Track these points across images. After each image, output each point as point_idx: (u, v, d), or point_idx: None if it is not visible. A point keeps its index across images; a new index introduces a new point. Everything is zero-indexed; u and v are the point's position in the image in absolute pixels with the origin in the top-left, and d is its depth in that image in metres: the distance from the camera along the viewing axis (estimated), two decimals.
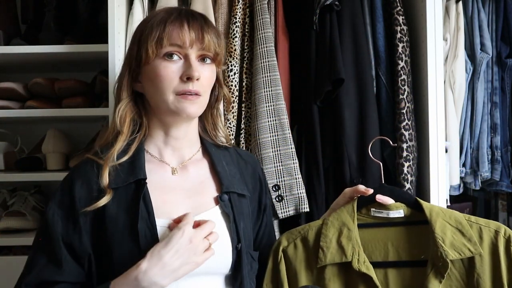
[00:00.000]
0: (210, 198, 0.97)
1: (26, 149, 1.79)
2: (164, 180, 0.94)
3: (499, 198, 1.71)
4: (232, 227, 0.95)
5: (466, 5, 1.51)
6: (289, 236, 1.02)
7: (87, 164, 0.93)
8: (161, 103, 0.92)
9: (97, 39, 1.52)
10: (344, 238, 0.97)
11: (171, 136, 0.97)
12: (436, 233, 0.93)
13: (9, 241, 1.55)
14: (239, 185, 1.00)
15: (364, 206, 1.01)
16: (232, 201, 0.97)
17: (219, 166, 1.00)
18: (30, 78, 1.61)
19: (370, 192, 1.00)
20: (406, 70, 1.31)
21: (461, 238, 0.92)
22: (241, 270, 0.94)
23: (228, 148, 1.07)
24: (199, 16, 0.95)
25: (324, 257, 0.96)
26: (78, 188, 0.90)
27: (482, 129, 1.50)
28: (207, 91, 0.95)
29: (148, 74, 0.93)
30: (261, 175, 1.11)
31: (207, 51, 0.93)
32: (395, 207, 0.99)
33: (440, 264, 0.91)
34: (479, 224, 0.94)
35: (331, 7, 1.31)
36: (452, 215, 0.96)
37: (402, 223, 0.99)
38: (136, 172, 0.91)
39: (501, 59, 1.52)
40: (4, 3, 1.69)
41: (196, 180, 0.98)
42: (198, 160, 1.02)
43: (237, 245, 0.94)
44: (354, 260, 0.94)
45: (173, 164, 0.98)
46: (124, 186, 0.90)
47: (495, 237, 0.92)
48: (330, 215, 1.02)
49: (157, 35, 0.90)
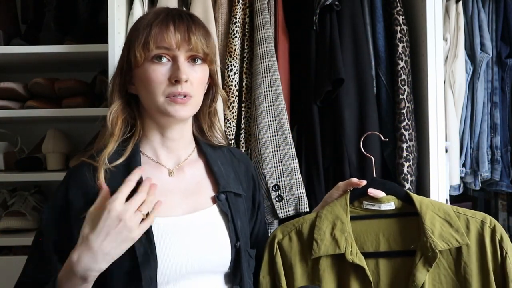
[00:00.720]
0: (207, 198, 0.98)
1: (26, 149, 1.79)
2: (161, 182, 0.94)
3: (499, 198, 1.72)
4: (230, 226, 0.95)
5: (466, 5, 1.51)
6: (283, 229, 1.06)
7: (83, 167, 0.92)
8: (152, 105, 0.92)
9: (97, 39, 1.52)
10: (337, 230, 1.00)
11: (167, 137, 0.97)
12: (426, 225, 0.97)
13: (9, 241, 1.55)
14: (234, 185, 1.01)
15: (357, 199, 1.05)
16: (229, 200, 0.97)
17: (215, 166, 1.00)
18: (30, 78, 1.61)
19: (364, 184, 1.04)
20: (406, 70, 1.31)
21: (449, 229, 0.96)
22: (241, 268, 0.94)
23: (222, 148, 1.07)
24: (187, 17, 0.94)
25: (318, 249, 1.00)
26: (73, 192, 0.89)
27: (482, 129, 1.50)
28: (198, 91, 0.95)
29: (139, 77, 0.93)
30: (254, 173, 1.11)
31: (195, 52, 0.92)
32: (386, 200, 1.03)
33: (429, 254, 0.95)
34: (466, 215, 0.98)
35: (331, 7, 1.31)
36: (441, 207, 1.00)
37: (393, 215, 1.03)
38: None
39: (501, 59, 1.52)
40: (4, 3, 1.69)
41: (192, 180, 0.98)
42: (193, 161, 1.02)
43: (235, 244, 0.94)
44: (347, 251, 0.98)
45: (169, 166, 0.98)
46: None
47: (481, 227, 0.97)
48: (323, 208, 1.05)
49: (143, 39, 0.90)
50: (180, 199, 0.95)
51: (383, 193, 1.03)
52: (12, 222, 1.58)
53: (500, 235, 0.95)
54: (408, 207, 1.02)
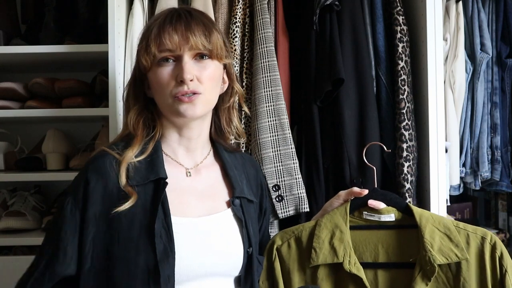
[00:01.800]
0: (222, 202, 0.98)
1: (26, 149, 1.79)
2: (178, 181, 0.95)
3: (499, 198, 1.72)
4: (243, 232, 0.96)
5: (466, 5, 1.51)
6: (283, 236, 1.06)
7: (104, 159, 0.91)
8: (165, 107, 0.94)
9: (97, 39, 1.52)
10: (336, 240, 1.00)
11: (184, 136, 0.98)
12: (425, 238, 0.97)
13: (9, 241, 1.55)
14: (248, 191, 1.02)
15: (357, 209, 1.05)
16: (243, 206, 0.98)
17: (231, 170, 1.01)
18: (30, 78, 1.61)
19: (365, 193, 1.04)
20: (406, 70, 1.31)
21: (449, 244, 0.96)
22: (252, 273, 0.95)
23: (235, 153, 1.08)
24: (185, 15, 0.94)
25: (316, 257, 1.00)
26: (93, 183, 0.88)
27: (482, 129, 1.50)
28: (208, 88, 0.94)
29: (151, 80, 0.95)
30: (263, 180, 1.13)
31: (197, 50, 0.92)
32: (386, 211, 1.03)
33: (428, 268, 0.94)
34: (467, 230, 0.98)
35: (331, 7, 1.30)
36: (442, 221, 1.00)
37: (393, 226, 1.03)
38: (157, 170, 0.91)
39: (501, 59, 1.52)
40: (4, 3, 1.69)
41: (208, 183, 0.99)
42: (210, 164, 1.02)
43: (248, 249, 0.95)
44: (345, 261, 0.98)
45: (186, 165, 0.99)
46: (143, 184, 0.89)
47: (481, 243, 0.96)
48: (323, 216, 1.05)
49: (145, 44, 0.92)
50: (196, 200, 0.95)
51: (383, 204, 1.03)
52: (12, 222, 1.58)
53: (500, 252, 0.95)
54: (408, 219, 1.02)
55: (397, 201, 1.05)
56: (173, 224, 0.87)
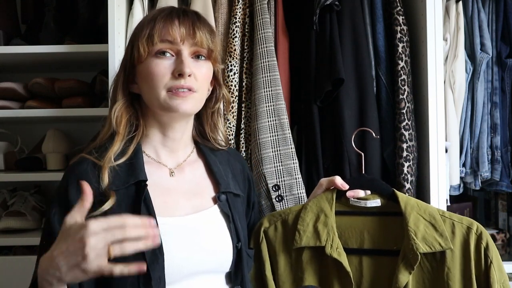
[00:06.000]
0: (208, 198, 0.98)
1: (26, 149, 1.79)
2: (162, 182, 0.94)
3: (499, 198, 1.71)
4: (231, 227, 0.95)
5: (466, 5, 1.51)
6: (270, 218, 1.07)
7: (83, 164, 0.89)
8: (154, 101, 0.92)
9: (97, 39, 1.52)
10: (320, 223, 1.00)
11: (168, 136, 0.97)
12: (409, 226, 0.96)
13: (9, 241, 1.55)
14: (233, 185, 1.01)
15: (344, 194, 1.06)
16: (229, 201, 0.98)
17: (214, 166, 1.01)
18: (30, 78, 1.61)
19: (346, 188, 1.04)
20: (406, 70, 1.31)
21: (433, 233, 0.95)
22: (242, 268, 0.95)
23: (219, 150, 1.07)
24: (192, 13, 0.95)
25: (299, 240, 1.00)
26: (73, 192, 0.86)
27: (482, 129, 1.50)
28: (202, 87, 0.94)
29: (142, 72, 0.93)
30: (249, 173, 1.12)
31: (200, 47, 0.92)
32: (372, 197, 1.03)
33: (411, 256, 0.94)
34: (453, 219, 0.97)
35: (331, 7, 1.31)
36: (427, 209, 0.99)
37: (378, 213, 1.03)
38: (137, 174, 0.90)
39: (501, 59, 1.52)
40: (4, 3, 1.69)
41: (193, 181, 0.99)
42: (193, 161, 1.02)
43: (237, 244, 0.95)
44: (327, 245, 0.98)
45: (169, 165, 0.98)
46: (124, 188, 0.88)
47: (467, 233, 0.95)
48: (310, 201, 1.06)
49: (147, 32, 0.90)
50: (182, 199, 0.95)
51: (362, 192, 1.04)
52: (12, 222, 1.58)
53: (486, 242, 0.93)
54: (394, 206, 1.01)
55: (383, 188, 1.04)
56: (160, 224, 0.86)
